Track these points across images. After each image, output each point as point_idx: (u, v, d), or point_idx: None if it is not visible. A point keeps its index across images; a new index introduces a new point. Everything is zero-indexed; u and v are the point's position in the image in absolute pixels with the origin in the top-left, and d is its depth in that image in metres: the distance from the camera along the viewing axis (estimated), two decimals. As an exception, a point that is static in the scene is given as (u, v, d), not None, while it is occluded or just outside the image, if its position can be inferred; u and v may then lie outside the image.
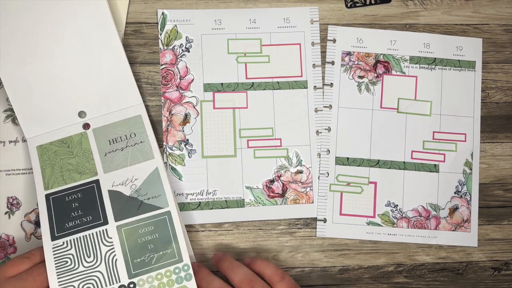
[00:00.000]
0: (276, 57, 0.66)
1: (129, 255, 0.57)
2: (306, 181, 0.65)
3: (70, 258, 0.56)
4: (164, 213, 0.58)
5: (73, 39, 0.61)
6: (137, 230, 0.58)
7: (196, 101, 0.65)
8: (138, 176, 0.60)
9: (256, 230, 0.65)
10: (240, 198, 0.64)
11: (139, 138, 0.61)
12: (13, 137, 0.62)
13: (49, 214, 0.58)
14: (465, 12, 0.68)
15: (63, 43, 0.61)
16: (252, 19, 0.66)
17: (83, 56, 0.61)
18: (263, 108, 0.66)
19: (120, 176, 0.60)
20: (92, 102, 0.61)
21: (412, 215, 0.66)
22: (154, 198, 0.59)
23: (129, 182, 0.59)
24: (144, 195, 0.59)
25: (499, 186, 0.67)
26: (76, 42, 0.61)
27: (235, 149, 0.65)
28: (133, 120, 0.62)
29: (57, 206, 0.58)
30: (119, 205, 0.58)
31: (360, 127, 0.66)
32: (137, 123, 0.62)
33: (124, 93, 0.62)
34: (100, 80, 0.61)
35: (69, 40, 0.61)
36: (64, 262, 0.56)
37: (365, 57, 0.67)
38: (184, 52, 0.65)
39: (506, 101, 0.68)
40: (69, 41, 0.61)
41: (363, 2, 0.68)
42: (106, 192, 0.59)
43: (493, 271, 0.67)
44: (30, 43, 0.60)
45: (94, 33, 0.61)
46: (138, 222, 0.58)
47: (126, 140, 0.61)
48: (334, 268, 0.65)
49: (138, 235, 0.57)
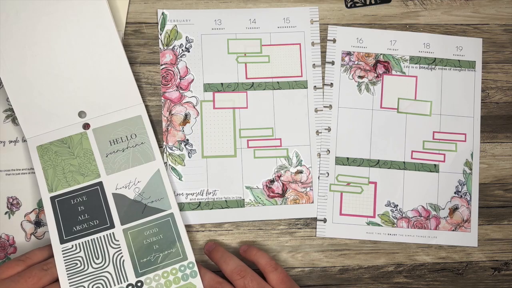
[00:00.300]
0: (276, 57, 0.66)
1: (136, 256, 0.58)
2: (306, 181, 0.65)
3: (80, 260, 0.57)
4: (168, 215, 0.60)
5: (73, 39, 0.61)
6: (143, 232, 0.59)
7: (196, 101, 0.65)
8: (140, 179, 0.61)
9: (256, 230, 0.65)
10: (240, 198, 0.64)
11: (139, 139, 0.61)
12: (13, 137, 0.62)
13: (55, 217, 0.59)
14: (465, 12, 0.68)
15: (63, 43, 0.61)
16: (252, 19, 0.66)
17: (83, 56, 0.61)
18: (263, 108, 0.66)
19: (123, 179, 0.61)
20: (92, 102, 0.61)
21: (412, 215, 0.66)
22: (157, 201, 0.60)
23: (132, 185, 0.60)
24: (148, 198, 0.60)
25: (499, 186, 0.67)
26: (76, 42, 0.61)
27: (235, 149, 0.65)
28: (133, 120, 0.62)
29: (63, 209, 0.59)
30: (124, 209, 0.60)
31: (360, 127, 0.66)
32: (137, 124, 0.62)
33: (124, 93, 0.62)
34: (100, 80, 0.61)
35: (69, 40, 0.61)
36: (74, 264, 0.57)
37: (365, 57, 0.67)
38: (184, 52, 0.65)
39: (506, 101, 0.68)
40: (69, 41, 0.61)
41: (363, 2, 0.68)
42: (110, 195, 0.60)
43: (493, 271, 0.67)
44: (30, 43, 0.60)
45: (94, 33, 0.61)
46: (143, 224, 0.59)
47: (127, 141, 0.61)
48: (334, 268, 0.65)
49: (144, 236, 0.59)
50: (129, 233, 0.59)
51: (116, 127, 0.61)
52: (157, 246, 0.59)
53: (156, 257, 0.58)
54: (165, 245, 0.59)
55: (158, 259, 0.58)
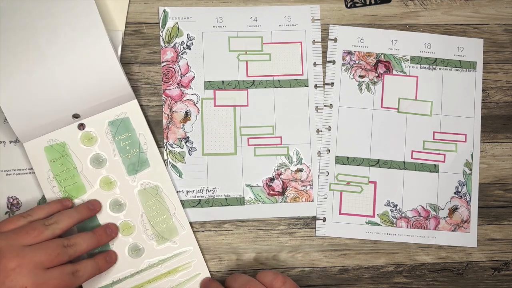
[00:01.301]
0: (277, 55, 0.66)
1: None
2: (306, 180, 0.65)
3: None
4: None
5: (64, 42, 0.59)
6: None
7: (197, 98, 0.65)
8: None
9: (256, 230, 0.65)
10: (240, 196, 0.64)
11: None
12: (13, 137, 0.62)
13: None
14: (465, 12, 0.69)
15: (53, 47, 0.59)
16: (254, 17, 0.66)
17: (73, 58, 0.59)
18: (264, 106, 0.66)
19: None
20: (85, 102, 0.60)
21: (412, 215, 0.66)
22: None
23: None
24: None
25: (499, 186, 0.67)
26: (67, 44, 0.59)
27: (235, 147, 0.65)
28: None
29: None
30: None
31: (361, 126, 0.67)
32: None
33: (116, 92, 0.61)
34: (92, 80, 0.59)
35: (61, 44, 0.58)
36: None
37: (366, 57, 0.67)
38: (185, 49, 0.65)
39: (506, 101, 0.68)
40: (61, 45, 0.58)
41: (363, 2, 0.68)
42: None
43: (493, 271, 0.67)
44: (22, 50, 0.58)
45: (85, 35, 0.59)
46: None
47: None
48: (334, 268, 0.65)
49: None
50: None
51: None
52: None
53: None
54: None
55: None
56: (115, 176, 0.61)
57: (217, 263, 0.64)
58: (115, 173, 0.61)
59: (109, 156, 0.61)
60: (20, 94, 0.58)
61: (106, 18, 0.64)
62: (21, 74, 0.58)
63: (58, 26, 0.59)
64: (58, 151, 0.60)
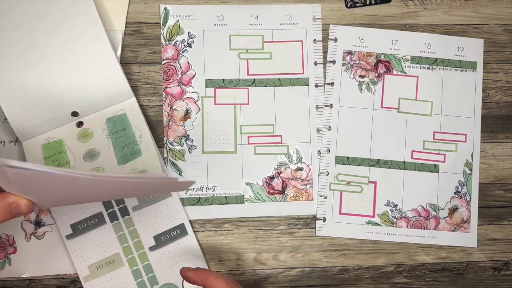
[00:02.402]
0: (277, 54, 0.66)
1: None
2: (306, 178, 0.65)
3: None
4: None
5: (63, 41, 0.60)
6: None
7: (197, 96, 0.65)
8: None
9: (256, 230, 0.64)
10: (239, 194, 0.64)
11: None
12: (13, 137, 0.62)
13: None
14: (465, 12, 0.69)
15: (53, 46, 0.59)
16: (255, 15, 0.67)
17: (72, 57, 0.60)
18: (264, 104, 0.66)
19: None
20: (84, 100, 0.60)
21: (412, 215, 0.65)
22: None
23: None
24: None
25: (499, 186, 0.67)
26: (66, 43, 0.60)
27: (235, 145, 0.65)
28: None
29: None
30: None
31: (361, 126, 0.67)
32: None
33: (115, 90, 0.61)
34: (91, 79, 0.60)
35: (59, 43, 0.59)
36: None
37: (366, 57, 0.67)
38: (186, 47, 0.65)
39: (506, 101, 0.68)
40: (59, 44, 0.59)
41: (363, 2, 0.68)
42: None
43: (493, 271, 0.66)
44: (21, 49, 0.59)
45: (83, 34, 0.60)
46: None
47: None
48: (334, 268, 0.65)
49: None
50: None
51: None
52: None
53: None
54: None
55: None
56: (105, 167, 0.61)
57: (217, 263, 0.64)
58: (106, 164, 0.61)
59: (103, 150, 0.61)
60: (19, 93, 0.59)
61: (106, 18, 0.65)
62: (21, 73, 0.59)
63: (56, 25, 0.60)
64: (54, 148, 0.60)
